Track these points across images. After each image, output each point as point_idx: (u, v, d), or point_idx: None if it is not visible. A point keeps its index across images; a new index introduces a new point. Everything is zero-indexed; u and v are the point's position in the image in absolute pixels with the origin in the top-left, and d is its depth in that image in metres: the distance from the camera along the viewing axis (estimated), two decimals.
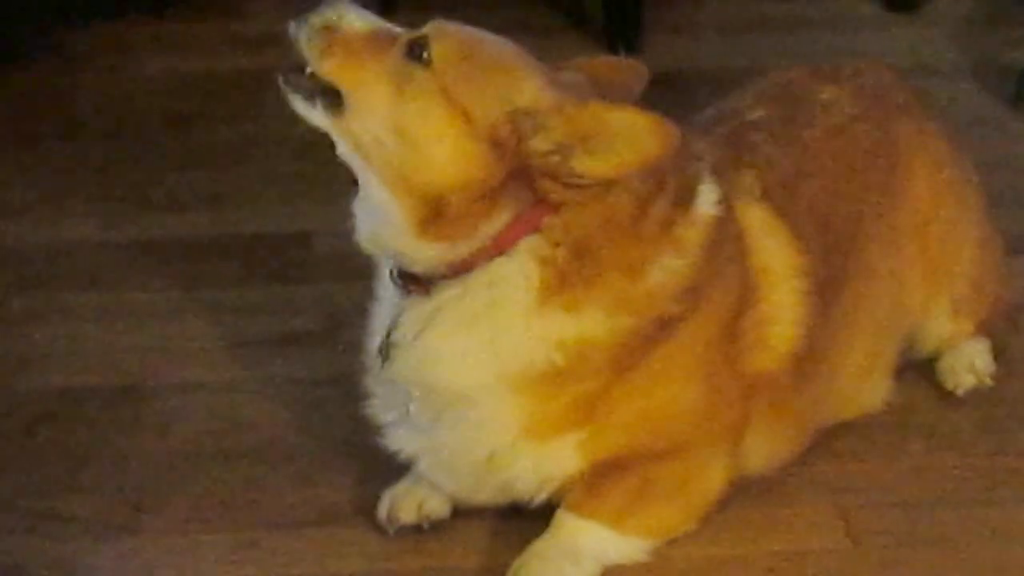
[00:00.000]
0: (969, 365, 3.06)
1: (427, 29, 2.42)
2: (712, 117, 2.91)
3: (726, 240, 2.58)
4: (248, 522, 2.74)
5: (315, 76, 2.44)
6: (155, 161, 3.95)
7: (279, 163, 3.89)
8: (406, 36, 2.43)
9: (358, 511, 2.74)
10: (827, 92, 2.94)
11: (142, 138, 4.07)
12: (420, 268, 2.47)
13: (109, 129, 4.12)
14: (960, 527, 2.72)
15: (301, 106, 2.46)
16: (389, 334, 2.54)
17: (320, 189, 3.71)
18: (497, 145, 2.37)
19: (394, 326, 2.53)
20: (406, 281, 2.51)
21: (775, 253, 2.67)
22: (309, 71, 2.44)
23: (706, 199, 2.56)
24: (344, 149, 2.46)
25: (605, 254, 2.44)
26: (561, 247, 2.42)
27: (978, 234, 3.06)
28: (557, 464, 2.54)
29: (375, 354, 2.59)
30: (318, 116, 2.45)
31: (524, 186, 2.39)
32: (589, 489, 2.56)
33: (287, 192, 3.79)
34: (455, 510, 2.69)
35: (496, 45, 2.45)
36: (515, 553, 2.57)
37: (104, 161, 3.95)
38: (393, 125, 2.39)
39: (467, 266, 2.44)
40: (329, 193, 3.50)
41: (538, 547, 2.56)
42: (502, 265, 2.44)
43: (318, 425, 2.97)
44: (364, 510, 2.73)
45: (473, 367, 2.47)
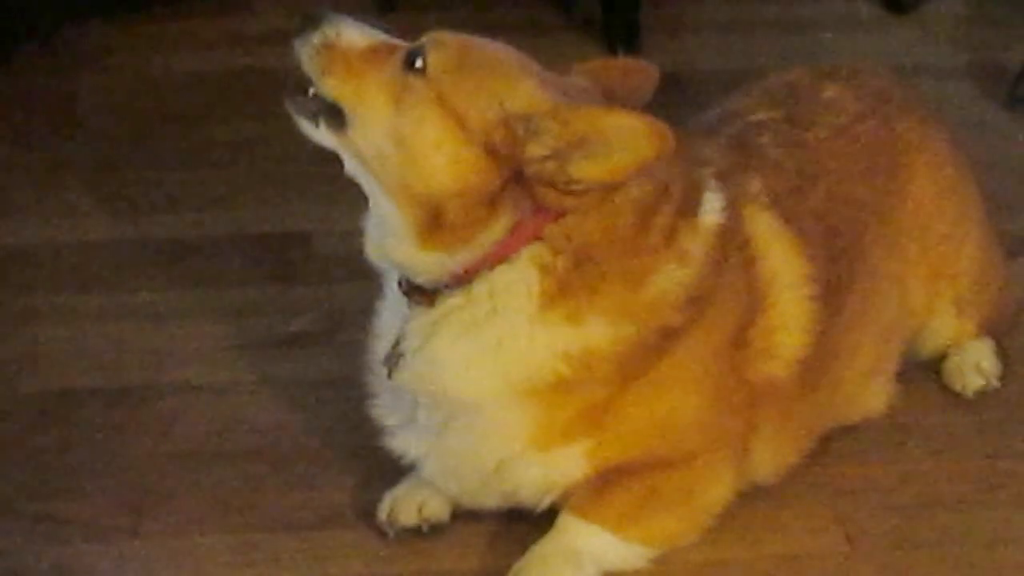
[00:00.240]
0: (976, 365, 3.06)
1: (424, 39, 2.43)
2: (715, 119, 2.90)
3: (732, 248, 2.57)
4: (248, 524, 2.74)
5: (318, 95, 2.45)
6: (155, 161, 3.95)
7: (279, 163, 3.88)
8: (404, 48, 2.43)
9: (358, 513, 2.74)
10: (829, 92, 2.94)
11: (142, 138, 4.06)
12: (424, 278, 2.48)
13: (109, 129, 4.11)
14: (958, 530, 2.73)
15: (307, 127, 2.47)
16: (397, 344, 2.54)
17: (320, 189, 3.70)
18: (493, 151, 2.37)
19: (402, 336, 2.54)
20: (412, 292, 2.51)
21: (783, 260, 2.66)
22: (312, 91, 2.45)
23: (711, 206, 2.56)
24: (350, 165, 2.47)
25: (607, 263, 2.43)
26: (562, 256, 2.42)
27: (979, 233, 3.05)
28: (564, 472, 2.55)
29: (382, 361, 2.59)
30: (323, 135, 2.46)
31: (523, 194, 2.39)
32: (594, 493, 2.56)
33: (287, 192, 3.79)
34: (455, 513, 2.70)
35: (493, 51, 2.44)
36: (515, 556, 2.58)
37: (104, 161, 3.95)
38: (393, 135, 2.39)
39: (469, 275, 2.44)
40: (329, 193, 3.52)
41: (539, 549, 2.57)
42: (503, 274, 2.44)
43: (318, 426, 2.97)
44: (364, 512, 2.73)
45: (478, 376, 2.47)
